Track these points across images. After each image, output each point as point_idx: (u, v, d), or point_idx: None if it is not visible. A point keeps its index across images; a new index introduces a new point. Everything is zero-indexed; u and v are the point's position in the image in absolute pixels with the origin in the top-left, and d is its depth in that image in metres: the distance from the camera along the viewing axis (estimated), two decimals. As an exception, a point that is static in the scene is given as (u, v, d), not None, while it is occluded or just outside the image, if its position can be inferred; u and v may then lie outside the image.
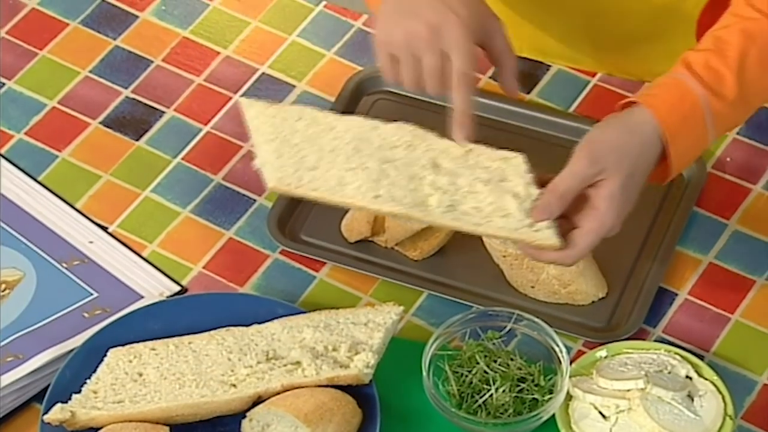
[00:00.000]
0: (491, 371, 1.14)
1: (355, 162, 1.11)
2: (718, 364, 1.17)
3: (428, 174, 1.11)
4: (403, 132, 1.12)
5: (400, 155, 1.11)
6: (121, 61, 1.37)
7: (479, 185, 1.10)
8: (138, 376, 1.14)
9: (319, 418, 1.09)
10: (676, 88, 1.12)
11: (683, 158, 1.13)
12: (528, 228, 1.09)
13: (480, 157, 1.12)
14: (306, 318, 1.17)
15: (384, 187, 1.10)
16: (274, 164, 1.11)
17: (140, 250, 1.25)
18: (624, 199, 1.10)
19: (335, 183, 1.10)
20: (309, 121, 1.13)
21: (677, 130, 1.11)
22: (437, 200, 1.10)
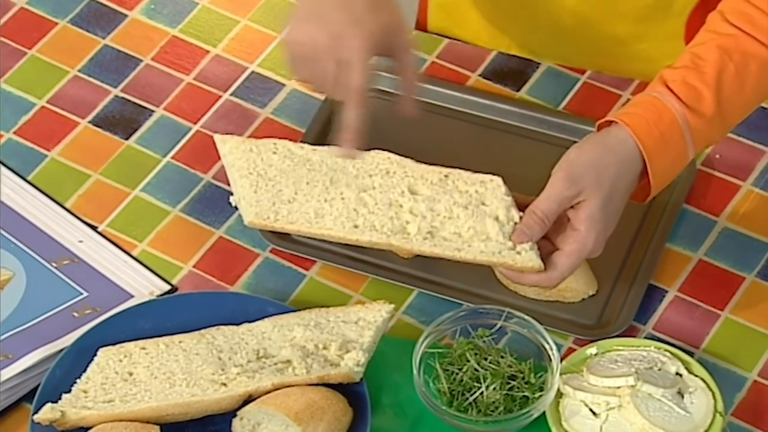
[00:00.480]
0: (482, 369, 1.14)
1: (333, 193, 1.12)
2: (708, 360, 1.18)
3: (406, 201, 1.11)
4: (379, 159, 1.13)
5: (378, 182, 1.12)
6: (110, 60, 1.37)
7: (458, 210, 1.11)
8: (128, 376, 1.14)
9: (309, 417, 1.09)
10: (653, 106, 1.12)
11: (664, 176, 1.13)
12: (509, 251, 1.10)
13: (457, 182, 1.13)
14: (296, 317, 1.17)
15: (362, 217, 1.11)
16: (251, 199, 1.12)
17: (130, 249, 1.25)
18: (604, 220, 1.11)
19: (313, 215, 1.11)
20: (284, 153, 1.14)
21: (656, 148, 1.11)
22: (416, 227, 1.10)
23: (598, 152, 1.11)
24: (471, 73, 1.36)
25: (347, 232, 1.10)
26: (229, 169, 1.15)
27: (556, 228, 1.11)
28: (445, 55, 1.37)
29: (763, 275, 1.23)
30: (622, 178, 1.11)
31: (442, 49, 1.37)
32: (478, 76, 1.35)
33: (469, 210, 1.11)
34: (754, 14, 1.12)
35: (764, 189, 1.28)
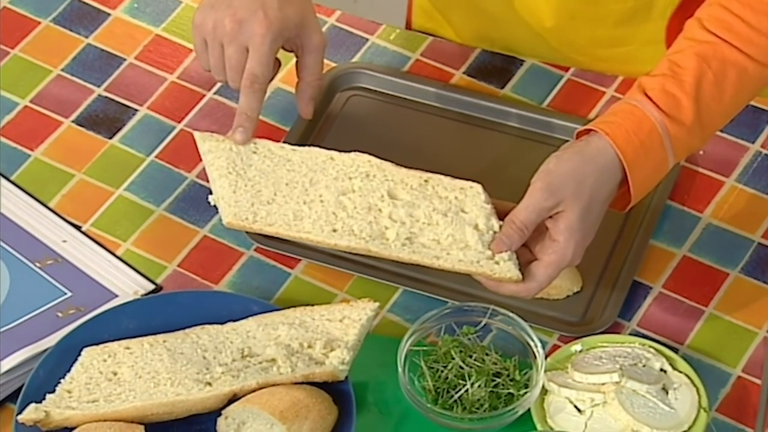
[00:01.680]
0: (467, 366, 1.14)
1: (312, 195, 1.11)
2: (693, 356, 1.18)
3: (385, 206, 1.11)
4: (359, 162, 1.12)
5: (357, 186, 1.11)
6: (94, 59, 1.36)
7: (437, 216, 1.10)
8: (112, 375, 1.14)
9: (294, 416, 1.09)
10: (633, 115, 1.11)
11: (643, 185, 1.13)
12: (488, 261, 1.10)
13: (437, 188, 1.12)
14: (281, 315, 1.17)
15: (341, 221, 1.10)
16: (230, 199, 1.12)
17: (114, 248, 1.25)
18: (583, 229, 1.11)
19: (292, 217, 1.11)
20: (264, 153, 1.13)
21: (636, 157, 1.11)
22: (395, 233, 1.10)
23: (578, 162, 1.11)
24: (455, 71, 1.36)
25: (326, 236, 1.10)
26: (208, 168, 1.15)
27: (535, 237, 1.11)
28: (429, 53, 1.37)
29: (747, 271, 1.23)
30: (602, 187, 1.11)
31: (426, 46, 1.37)
32: (462, 74, 1.35)
33: (449, 217, 1.10)
34: (732, 21, 1.12)
35: (748, 185, 1.28)
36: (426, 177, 1.13)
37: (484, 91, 1.34)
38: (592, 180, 1.10)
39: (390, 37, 1.38)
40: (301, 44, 1.17)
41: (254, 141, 1.16)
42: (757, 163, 1.29)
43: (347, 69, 1.35)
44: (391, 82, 1.34)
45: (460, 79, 1.35)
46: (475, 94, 1.33)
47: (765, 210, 1.26)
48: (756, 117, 1.31)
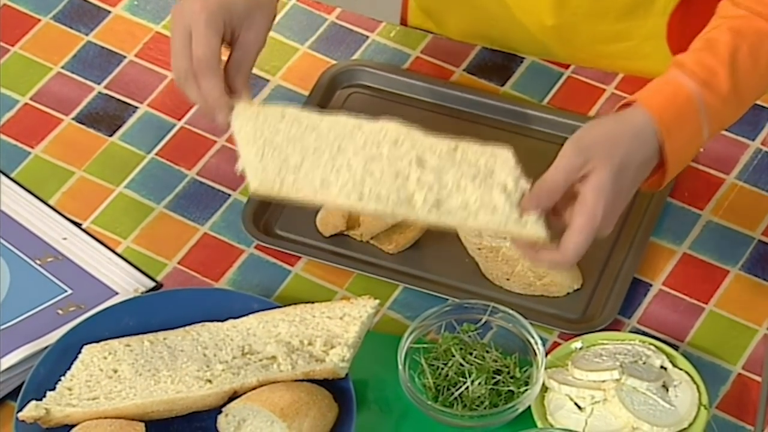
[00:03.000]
0: (467, 364, 1.14)
1: (339, 161, 1.09)
2: (693, 354, 1.18)
3: (413, 171, 1.09)
4: (387, 129, 1.11)
5: (385, 152, 1.10)
6: (94, 56, 1.36)
7: (466, 181, 1.09)
8: (113, 373, 1.14)
9: (295, 413, 1.09)
10: (669, 85, 1.11)
11: (679, 156, 1.11)
12: (516, 222, 1.07)
13: (467, 153, 1.10)
14: (281, 313, 1.17)
15: (368, 186, 1.08)
16: (257, 166, 1.10)
17: (114, 246, 1.25)
18: (615, 192, 1.07)
19: (319, 183, 1.09)
20: (292, 120, 1.12)
21: (672, 125, 1.10)
22: (422, 197, 1.08)
23: (611, 124, 1.09)
24: (455, 68, 1.35)
25: (353, 201, 1.08)
26: (236, 135, 1.12)
27: (566, 204, 1.08)
28: (429, 50, 1.37)
29: (747, 268, 1.23)
30: (636, 152, 1.09)
31: (426, 44, 1.37)
32: (462, 71, 1.35)
33: (477, 181, 1.08)
34: None
35: (748, 182, 1.28)
36: (455, 144, 1.10)
37: (484, 89, 1.34)
38: (625, 141, 1.08)
39: (390, 35, 1.38)
40: (237, 37, 1.13)
41: (282, 108, 1.13)
42: (758, 161, 1.29)
43: (347, 66, 1.35)
44: (391, 79, 1.34)
45: (460, 77, 1.35)
46: (475, 92, 1.33)
47: (765, 207, 1.26)
48: (756, 114, 1.31)
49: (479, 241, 1.19)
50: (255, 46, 1.15)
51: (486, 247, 1.19)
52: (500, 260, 1.20)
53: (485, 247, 1.19)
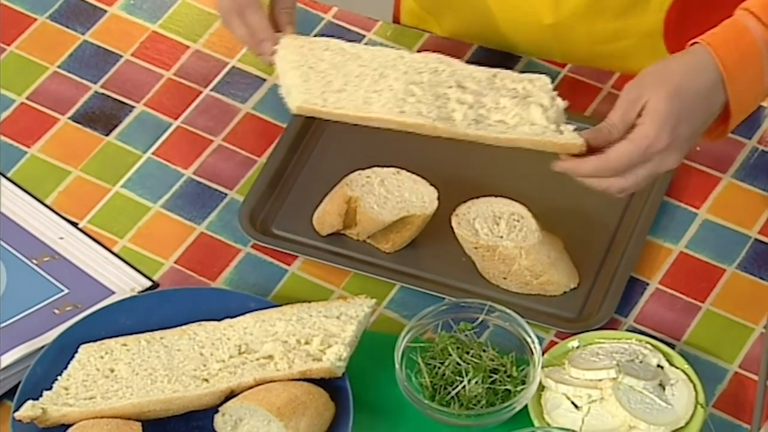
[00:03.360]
0: (464, 363, 1.14)
1: (381, 85, 1.13)
2: (689, 352, 1.18)
3: (454, 92, 1.13)
4: (429, 59, 1.15)
5: (426, 78, 1.13)
6: (90, 56, 1.36)
7: (504, 100, 1.12)
8: (109, 372, 1.14)
9: (291, 412, 1.09)
10: (733, 27, 1.12)
11: (741, 99, 1.12)
12: (553, 132, 1.10)
13: (505, 80, 1.14)
14: (278, 312, 1.17)
15: (409, 104, 1.11)
16: (300, 88, 1.13)
17: (111, 245, 1.25)
18: (673, 115, 1.09)
19: (361, 102, 1.12)
20: (336, 50, 1.16)
21: (735, 67, 1.11)
22: (462, 114, 1.11)
23: (666, 60, 1.11)
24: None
25: (394, 115, 1.11)
26: (279, 63, 1.16)
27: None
28: (426, 49, 1.36)
29: (743, 267, 1.23)
30: (692, 78, 1.10)
31: (423, 43, 1.37)
32: (462, 66, 1.35)
33: (515, 101, 1.12)
34: None
35: (744, 181, 1.28)
36: (494, 72, 1.14)
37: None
38: (679, 69, 1.10)
39: (387, 34, 1.38)
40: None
41: (326, 39, 1.17)
42: (754, 159, 1.29)
43: (344, 65, 1.35)
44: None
45: (457, 75, 1.35)
46: (472, 91, 1.33)
47: (762, 206, 1.26)
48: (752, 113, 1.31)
49: (476, 240, 1.19)
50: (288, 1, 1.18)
51: (483, 246, 1.19)
52: (497, 259, 1.20)
53: (482, 246, 1.19)
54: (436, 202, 1.22)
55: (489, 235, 1.18)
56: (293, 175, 1.29)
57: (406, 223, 1.23)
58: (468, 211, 1.21)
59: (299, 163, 1.29)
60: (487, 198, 1.21)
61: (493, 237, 1.19)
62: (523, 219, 1.20)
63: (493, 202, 1.20)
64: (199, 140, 1.31)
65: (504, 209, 1.20)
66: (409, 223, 1.23)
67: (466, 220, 1.20)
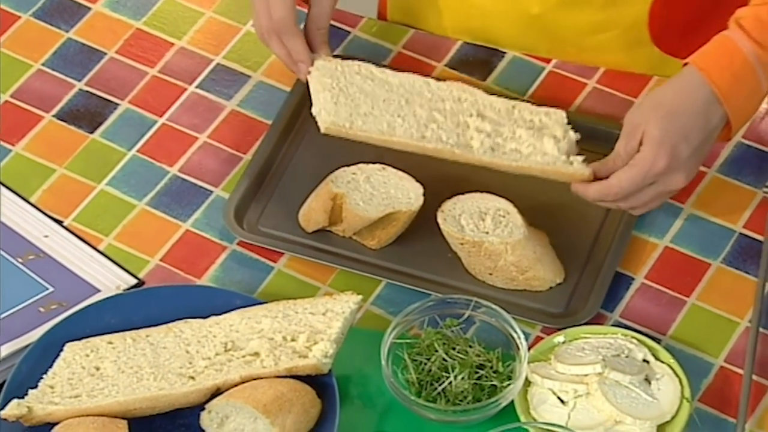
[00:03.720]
0: (450, 359, 1.14)
1: (406, 110, 1.21)
2: (675, 347, 1.18)
3: (473, 121, 1.21)
4: (453, 88, 1.23)
5: (449, 107, 1.22)
6: (74, 53, 1.36)
7: (520, 131, 1.20)
8: (95, 371, 1.14)
9: (278, 409, 1.09)
10: (724, 47, 1.15)
11: (741, 112, 1.16)
12: (563, 162, 1.18)
13: (523, 112, 1.22)
14: (264, 309, 1.17)
15: (431, 130, 1.20)
16: (330, 109, 1.21)
17: (96, 243, 1.24)
18: (670, 136, 1.13)
19: (385, 126, 1.20)
20: (366, 75, 1.24)
21: (730, 89, 1.15)
22: (480, 142, 1.19)
23: (659, 87, 1.17)
24: (437, 63, 1.35)
25: (415, 140, 1.19)
26: (312, 83, 1.24)
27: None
28: (411, 45, 1.37)
29: (728, 261, 1.23)
30: (684, 99, 1.15)
31: (408, 39, 1.37)
32: (443, 66, 1.35)
33: (531, 132, 1.20)
34: None
35: (729, 175, 1.28)
36: (513, 103, 1.23)
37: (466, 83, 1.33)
38: (671, 93, 1.15)
39: (371, 30, 1.38)
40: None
41: (358, 64, 1.24)
42: (738, 154, 1.29)
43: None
44: (373, 74, 1.34)
45: (442, 72, 1.35)
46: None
47: (746, 200, 1.26)
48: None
49: (461, 236, 1.19)
50: (330, 1, 1.25)
51: (468, 242, 1.19)
52: (483, 255, 1.20)
53: (467, 242, 1.19)
54: (422, 198, 1.22)
55: (475, 230, 1.19)
56: (279, 172, 1.28)
57: (392, 220, 1.23)
58: (454, 207, 1.21)
59: (284, 160, 1.29)
60: (473, 194, 1.21)
61: (478, 233, 1.19)
62: (508, 215, 1.21)
63: (479, 198, 1.21)
64: (184, 137, 1.31)
65: (490, 205, 1.21)
66: (395, 220, 1.23)
67: (451, 216, 1.20)
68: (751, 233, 1.24)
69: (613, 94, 1.32)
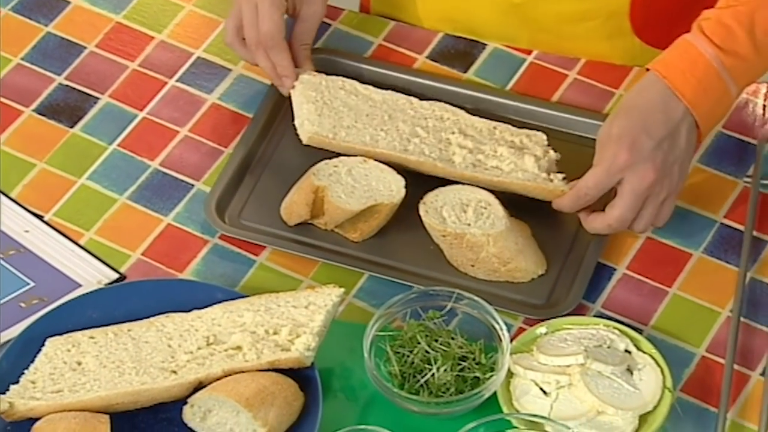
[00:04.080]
0: (432, 351, 1.14)
1: (389, 125, 1.23)
2: (657, 337, 1.18)
3: (455, 138, 1.23)
4: (436, 107, 1.25)
5: (431, 124, 1.24)
6: (54, 47, 1.35)
7: (502, 149, 1.22)
8: (77, 365, 1.13)
9: (260, 403, 1.09)
10: (687, 53, 1.16)
11: (710, 116, 1.17)
12: (543, 179, 1.20)
13: (504, 133, 1.24)
14: (246, 302, 1.16)
15: (413, 144, 1.22)
16: (313, 121, 1.23)
17: (77, 238, 1.24)
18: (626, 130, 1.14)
19: (368, 139, 1.22)
20: (350, 91, 1.25)
21: (695, 94, 1.15)
22: (462, 157, 1.21)
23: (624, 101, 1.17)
24: (418, 55, 1.35)
25: (398, 152, 1.21)
26: (296, 97, 1.25)
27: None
28: (392, 38, 1.36)
29: (710, 251, 1.23)
30: (640, 96, 1.15)
31: (389, 31, 1.37)
32: (425, 58, 1.35)
33: (512, 150, 1.22)
34: None
35: (710, 165, 1.28)
36: (495, 124, 1.24)
37: (447, 76, 1.33)
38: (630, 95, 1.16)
39: (352, 22, 1.38)
40: (300, 10, 1.24)
41: (342, 79, 1.26)
42: (719, 144, 1.30)
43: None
44: (353, 67, 1.33)
45: (423, 64, 1.34)
46: (438, 79, 1.32)
47: (728, 190, 1.26)
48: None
49: (443, 228, 1.19)
50: (315, 18, 1.27)
51: (450, 234, 1.19)
52: (465, 247, 1.20)
53: (449, 234, 1.19)
54: (404, 190, 1.22)
55: (456, 222, 1.19)
56: (260, 166, 1.28)
57: (374, 212, 1.23)
58: (435, 199, 1.21)
59: (266, 153, 1.29)
60: (455, 186, 1.21)
61: (460, 224, 1.19)
62: (490, 206, 1.21)
63: (461, 189, 1.21)
64: (164, 131, 1.30)
65: (471, 197, 1.20)
66: (377, 212, 1.22)
67: (433, 208, 1.20)
68: (732, 223, 1.25)
69: (594, 86, 1.32)
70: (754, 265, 1.22)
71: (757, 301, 1.20)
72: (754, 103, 1.31)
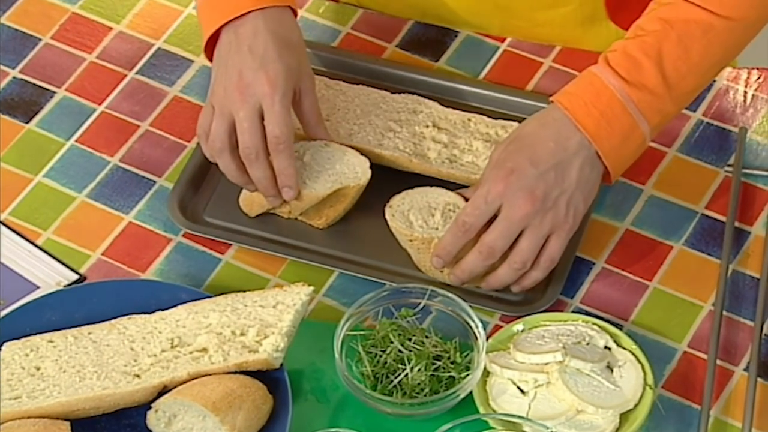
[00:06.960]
0: (406, 350, 1.12)
1: (363, 120, 1.22)
2: (637, 333, 1.16)
3: (429, 132, 1.21)
4: (408, 101, 1.24)
5: (405, 118, 1.23)
6: (8, 39, 1.32)
7: (477, 143, 1.20)
8: (35, 371, 1.11)
9: (227, 406, 1.06)
10: (591, 85, 1.13)
11: (618, 153, 1.13)
12: None
13: (479, 125, 1.22)
14: (212, 302, 1.14)
15: (388, 139, 1.21)
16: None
17: (34, 238, 1.21)
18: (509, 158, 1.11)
19: (342, 133, 1.21)
20: (321, 85, 1.24)
21: (598, 128, 1.12)
22: (437, 153, 1.20)
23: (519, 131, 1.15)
24: (387, 44, 1.33)
25: (373, 146, 1.20)
26: None
27: None
28: (360, 26, 1.34)
29: (691, 243, 1.21)
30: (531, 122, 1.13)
31: (357, 19, 1.34)
32: (394, 47, 1.32)
33: (487, 145, 1.20)
34: None
35: (690, 155, 1.26)
36: (469, 116, 1.23)
37: (418, 65, 1.31)
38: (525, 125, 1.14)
39: (319, 11, 1.35)
40: (299, 89, 1.18)
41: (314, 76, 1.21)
42: (699, 133, 1.28)
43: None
44: (321, 57, 1.31)
45: (393, 53, 1.32)
46: (409, 68, 1.30)
47: (708, 180, 1.24)
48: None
49: (410, 233, 1.16)
50: (314, 107, 1.19)
51: (418, 239, 1.16)
52: (433, 252, 1.17)
53: (417, 239, 1.16)
54: (369, 171, 1.19)
55: (424, 227, 1.16)
56: (225, 160, 1.25)
57: (340, 196, 1.20)
58: (402, 203, 1.18)
59: (231, 147, 1.26)
60: (422, 188, 1.19)
61: (428, 229, 1.16)
62: (458, 209, 1.17)
63: (428, 192, 1.18)
64: (124, 126, 1.28)
65: (439, 200, 1.18)
66: (343, 196, 1.20)
67: (400, 212, 1.17)
68: (713, 214, 1.23)
69: (569, 73, 1.30)
70: (736, 257, 1.20)
71: (740, 294, 1.18)
72: (735, 89, 1.29)
